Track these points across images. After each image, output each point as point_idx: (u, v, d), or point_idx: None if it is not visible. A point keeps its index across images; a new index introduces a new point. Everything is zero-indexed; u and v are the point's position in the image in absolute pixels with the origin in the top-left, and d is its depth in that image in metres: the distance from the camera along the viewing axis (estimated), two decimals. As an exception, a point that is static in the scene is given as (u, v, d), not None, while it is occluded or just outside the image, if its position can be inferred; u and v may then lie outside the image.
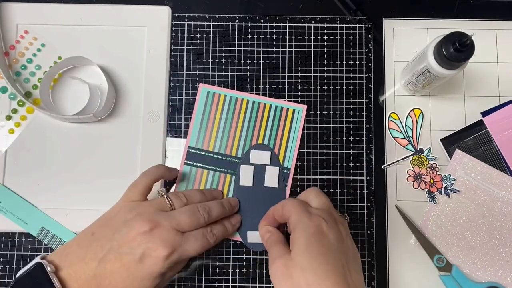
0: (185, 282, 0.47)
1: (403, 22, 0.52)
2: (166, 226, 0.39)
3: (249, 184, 0.48)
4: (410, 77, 0.47)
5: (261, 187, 0.48)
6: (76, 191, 0.48)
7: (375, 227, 0.49)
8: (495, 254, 0.47)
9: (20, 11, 0.51)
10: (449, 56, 0.40)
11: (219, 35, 0.52)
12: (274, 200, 0.47)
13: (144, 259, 0.37)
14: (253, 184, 0.48)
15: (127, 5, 0.52)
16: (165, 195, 0.42)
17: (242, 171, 0.48)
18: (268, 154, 0.48)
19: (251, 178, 0.48)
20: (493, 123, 0.49)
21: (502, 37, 0.51)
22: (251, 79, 0.51)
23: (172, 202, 0.42)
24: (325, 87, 0.51)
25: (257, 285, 0.47)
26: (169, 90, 0.51)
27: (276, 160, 0.48)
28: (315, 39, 0.52)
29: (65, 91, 0.50)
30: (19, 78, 0.50)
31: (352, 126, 0.50)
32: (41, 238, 0.47)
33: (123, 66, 0.51)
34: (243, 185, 0.48)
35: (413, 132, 0.50)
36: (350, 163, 0.50)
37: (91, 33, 0.51)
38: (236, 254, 0.48)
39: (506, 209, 0.48)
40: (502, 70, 0.51)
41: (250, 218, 0.47)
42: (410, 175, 0.49)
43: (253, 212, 0.47)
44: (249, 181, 0.48)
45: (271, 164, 0.48)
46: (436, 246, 0.47)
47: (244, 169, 0.48)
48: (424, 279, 0.47)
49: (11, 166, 0.49)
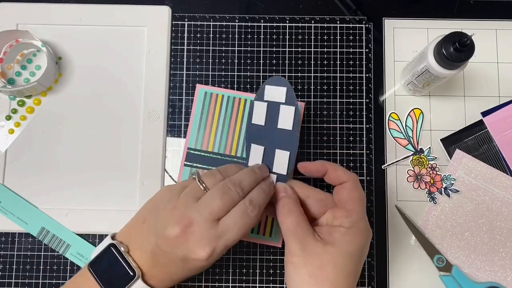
0: (185, 282, 0.47)
1: (403, 22, 0.52)
2: (200, 222, 0.35)
3: (261, 123, 0.42)
4: (410, 77, 0.47)
5: (273, 128, 0.42)
6: (76, 191, 0.48)
7: (375, 227, 0.49)
8: (495, 254, 0.47)
9: (20, 11, 0.51)
10: (449, 56, 0.40)
11: (219, 35, 0.52)
12: (286, 143, 0.41)
13: (187, 260, 0.36)
14: (265, 123, 0.42)
15: (127, 5, 0.52)
16: (197, 177, 0.38)
17: (255, 108, 0.43)
18: (284, 90, 0.41)
19: (264, 117, 0.42)
20: (493, 123, 0.49)
21: (502, 37, 0.51)
22: (251, 79, 0.51)
23: (205, 184, 0.37)
24: (325, 87, 0.51)
25: (257, 285, 0.47)
26: (169, 90, 0.51)
27: (292, 97, 0.41)
28: (315, 39, 0.52)
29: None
30: (19, 78, 0.50)
31: (352, 126, 0.50)
32: (41, 238, 0.47)
33: (123, 66, 0.51)
34: (255, 123, 0.43)
35: (413, 132, 0.50)
36: (350, 163, 0.50)
37: (91, 33, 0.51)
38: (236, 254, 0.48)
39: (506, 209, 0.48)
40: (502, 70, 0.51)
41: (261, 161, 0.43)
42: (410, 175, 0.49)
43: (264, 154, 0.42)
44: (261, 120, 0.42)
45: (286, 102, 0.41)
46: (436, 246, 0.47)
47: (258, 106, 0.42)
48: (424, 279, 0.47)
49: (11, 166, 0.49)
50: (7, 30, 0.48)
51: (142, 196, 0.48)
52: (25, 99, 0.50)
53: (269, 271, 0.48)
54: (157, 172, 0.49)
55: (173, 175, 0.49)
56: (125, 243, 0.38)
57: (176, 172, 0.49)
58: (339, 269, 0.35)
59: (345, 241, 0.35)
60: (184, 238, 0.35)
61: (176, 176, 0.49)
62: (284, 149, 0.41)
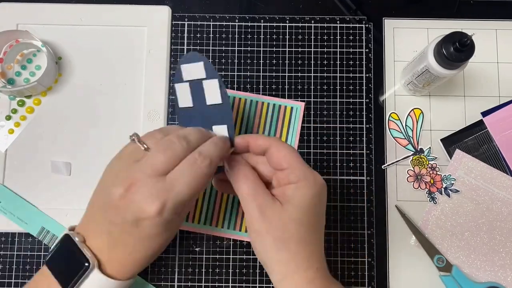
0: (185, 282, 0.47)
1: (403, 22, 0.52)
2: (143, 179, 0.33)
3: (189, 105, 0.40)
4: (410, 77, 0.47)
5: (203, 106, 0.40)
6: (76, 191, 0.48)
7: (375, 227, 0.49)
8: (495, 254, 0.47)
9: (20, 11, 0.51)
10: (449, 56, 0.40)
11: (219, 35, 0.52)
12: (220, 118, 0.39)
13: (138, 222, 0.33)
14: (193, 104, 0.40)
15: (127, 5, 0.52)
16: (136, 138, 0.36)
17: (178, 91, 0.40)
18: (201, 65, 0.39)
19: (190, 98, 0.40)
20: (493, 123, 0.49)
21: (502, 37, 0.51)
22: (251, 79, 0.51)
23: (146, 143, 0.35)
24: (325, 87, 0.51)
25: (257, 285, 0.47)
26: (169, 90, 0.51)
27: (211, 70, 0.39)
28: (315, 39, 0.52)
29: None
30: (19, 78, 0.50)
31: (352, 126, 0.50)
32: (41, 238, 0.47)
33: (123, 66, 0.51)
34: (183, 106, 0.41)
35: (413, 132, 0.50)
36: (350, 163, 0.50)
37: (91, 33, 0.51)
38: (236, 254, 0.48)
39: (506, 209, 0.48)
40: (502, 70, 0.51)
41: None
42: (410, 175, 0.49)
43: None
44: (189, 102, 0.40)
45: (207, 76, 0.39)
46: (436, 246, 0.47)
47: (180, 88, 0.40)
48: (424, 279, 0.47)
49: (11, 166, 0.49)
50: (7, 30, 0.48)
51: (142, 196, 0.48)
52: (25, 99, 0.50)
53: (269, 271, 0.48)
54: (157, 172, 0.49)
55: (173, 175, 0.49)
56: (81, 234, 0.35)
57: (176, 172, 0.49)
58: (301, 225, 0.35)
59: (299, 195, 0.35)
60: (130, 198, 0.33)
61: (176, 176, 0.49)
62: (220, 123, 0.39)
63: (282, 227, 0.34)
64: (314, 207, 0.36)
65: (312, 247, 0.36)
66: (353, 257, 0.48)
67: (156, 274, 0.47)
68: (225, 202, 0.48)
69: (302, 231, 0.35)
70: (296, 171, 0.36)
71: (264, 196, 0.35)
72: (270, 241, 0.35)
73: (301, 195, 0.35)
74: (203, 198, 0.48)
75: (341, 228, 0.48)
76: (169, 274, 0.47)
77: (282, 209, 0.35)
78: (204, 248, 0.48)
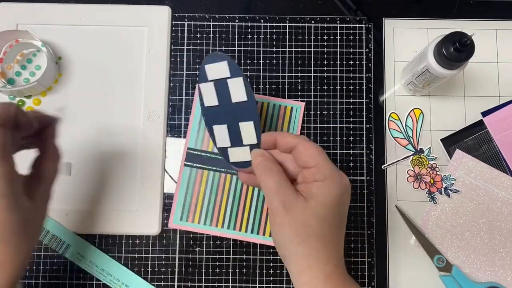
0: (185, 282, 0.47)
1: (403, 22, 0.52)
2: None
3: (214, 103, 0.41)
4: (410, 77, 0.47)
5: (229, 104, 0.40)
6: (76, 191, 0.48)
7: (375, 227, 0.49)
8: (495, 254, 0.47)
9: (20, 11, 0.51)
10: (449, 56, 0.40)
11: (219, 35, 0.52)
12: (247, 115, 0.40)
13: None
14: (219, 102, 0.41)
15: (127, 5, 0.52)
16: None
17: (203, 90, 0.41)
18: (225, 65, 0.40)
19: (215, 97, 0.41)
20: (493, 123, 0.49)
21: (502, 37, 0.51)
22: (251, 79, 0.51)
23: None
24: (325, 87, 0.51)
25: (257, 285, 0.47)
26: (169, 90, 0.51)
27: (235, 68, 0.39)
28: (315, 39, 0.52)
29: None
30: (19, 78, 0.50)
31: (352, 126, 0.50)
32: (41, 238, 0.47)
33: (123, 66, 0.51)
34: (209, 105, 0.41)
35: (413, 132, 0.50)
36: (350, 163, 0.50)
37: (91, 33, 0.51)
38: (236, 254, 0.48)
39: (506, 209, 0.48)
40: (502, 70, 0.51)
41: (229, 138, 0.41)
42: (410, 175, 0.49)
43: (230, 132, 0.41)
44: (214, 101, 0.41)
45: (231, 75, 0.40)
46: (436, 246, 0.47)
47: (205, 88, 0.41)
48: (424, 279, 0.47)
49: (11, 166, 0.49)
50: (7, 30, 0.48)
51: (142, 196, 0.48)
52: (25, 99, 0.50)
53: (269, 271, 0.48)
54: (157, 172, 0.49)
55: (173, 175, 0.49)
56: None
57: (176, 172, 0.49)
58: (323, 222, 0.35)
59: (323, 193, 0.35)
60: None
61: (176, 176, 0.49)
62: (246, 120, 0.40)
63: (304, 222, 0.35)
64: (338, 207, 0.36)
65: (332, 245, 0.36)
66: (353, 257, 0.48)
67: (156, 274, 0.47)
68: (225, 202, 0.48)
69: (323, 227, 0.35)
70: (322, 170, 0.36)
71: (288, 191, 0.36)
72: (291, 235, 0.35)
73: (326, 193, 0.35)
74: (203, 198, 0.48)
75: (341, 228, 0.48)
76: (169, 274, 0.47)
77: (306, 204, 0.35)
78: (204, 248, 0.48)
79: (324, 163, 0.36)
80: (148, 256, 0.48)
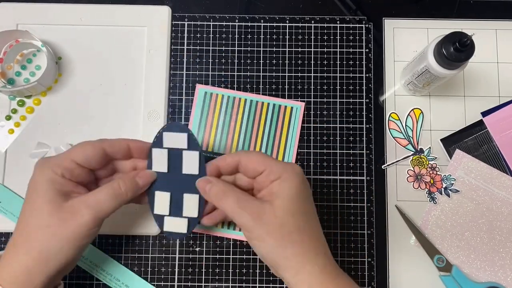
0: (185, 282, 0.47)
1: (403, 22, 0.52)
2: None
3: (163, 170, 0.40)
4: (410, 77, 0.47)
5: (178, 174, 0.40)
6: (76, 191, 0.48)
7: (375, 227, 0.49)
8: (495, 254, 0.47)
9: (20, 11, 0.51)
10: (449, 56, 0.40)
11: (219, 35, 0.52)
12: (193, 186, 0.40)
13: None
14: (168, 170, 0.40)
15: (127, 5, 0.52)
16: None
17: (154, 155, 0.40)
18: (185, 137, 0.39)
19: (165, 164, 0.40)
20: (493, 123, 0.49)
21: (502, 37, 0.51)
22: (251, 79, 0.51)
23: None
24: (325, 87, 0.51)
25: (257, 285, 0.47)
26: (169, 90, 0.51)
27: (194, 143, 0.40)
28: (315, 39, 0.52)
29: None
30: (19, 78, 0.50)
31: (352, 126, 0.50)
32: (41, 238, 0.47)
33: (123, 66, 0.51)
34: (156, 171, 0.41)
35: (413, 132, 0.50)
36: (350, 163, 0.50)
37: (91, 33, 0.51)
38: (236, 254, 0.48)
39: (506, 209, 0.48)
40: (502, 70, 0.51)
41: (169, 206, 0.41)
42: (410, 175, 0.49)
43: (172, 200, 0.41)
44: (164, 167, 0.40)
45: (189, 148, 0.40)
46: (436, 246, 0.47)
47: (156, 153, 0.40)
48: (424, 279, 0.47)
49: (11, 166, 0.49)
50: (7, 30, 0.48)
51: (142, 196, 0.48)
52: (25, 99, 0.50)
53: (269, 271, 0.48)
54: (157, 172, 0.49)
55: (173, 175, 0.49)
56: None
57: (176, 172, 0.49)
58: (297, 215, 0.36)
59: (285, 187, 0.36)
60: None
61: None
62: (191, 192, 0.40)
63: (280, 223, 0.35)
64: (302, 194, 0.37)
65: (314, 233, 0.37)
66: (353, 257, 0.48)
67: (156, 274, 0.47)
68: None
69: (299, 220, 0.36)
70: (274, 168, 0.36)
71: (251, 202, 0.36)
72: (273, 242, 0.35)
73: (288, 187, 0.36)
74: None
75: (341, 228, 0.48)
76: (169, 274, 0.48)
77: (273, 206, 0.35)
78: (204, 248, 0.48)
79: (272, 162, 0.37)
80: (148, 256, 0.48)
